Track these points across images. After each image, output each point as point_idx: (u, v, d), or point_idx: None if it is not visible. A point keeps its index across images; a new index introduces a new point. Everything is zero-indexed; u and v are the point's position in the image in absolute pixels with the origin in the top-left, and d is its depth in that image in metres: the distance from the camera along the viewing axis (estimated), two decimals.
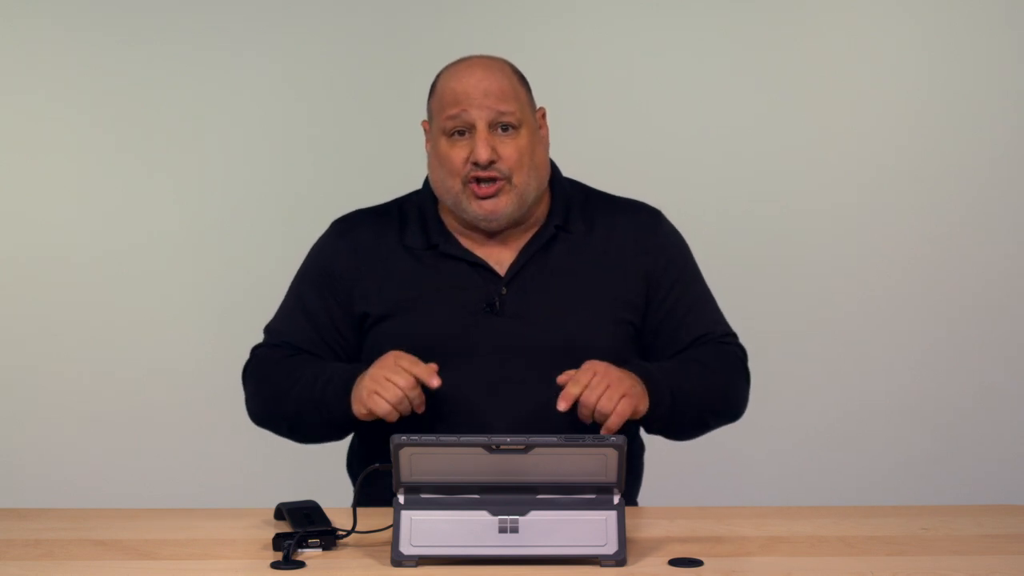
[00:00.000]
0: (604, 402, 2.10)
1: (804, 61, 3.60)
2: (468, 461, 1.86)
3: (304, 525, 1.96)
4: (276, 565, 1.86)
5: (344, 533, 1.97)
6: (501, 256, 2.31)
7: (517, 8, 3.57)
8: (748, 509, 2.19)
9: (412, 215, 2.36)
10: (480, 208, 2.27)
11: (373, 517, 1.99)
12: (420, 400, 2.14)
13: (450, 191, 2.28)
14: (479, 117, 2.25)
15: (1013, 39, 3.59)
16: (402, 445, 1.84)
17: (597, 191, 2.43)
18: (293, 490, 2.45)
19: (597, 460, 1.86)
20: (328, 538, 1.94)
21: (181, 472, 3.58)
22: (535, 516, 1.87)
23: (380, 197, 2.45)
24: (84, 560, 1.92)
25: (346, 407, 2.18)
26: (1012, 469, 3.62)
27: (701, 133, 3.60)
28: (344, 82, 3.58)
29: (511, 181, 2.26)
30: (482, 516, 1.87)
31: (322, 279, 2.35)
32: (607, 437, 1.85)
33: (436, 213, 2.35)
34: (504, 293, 2.28)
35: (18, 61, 3.55)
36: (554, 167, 2.38)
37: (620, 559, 1.85)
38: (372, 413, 2.13)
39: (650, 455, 2.46)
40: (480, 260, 2.30)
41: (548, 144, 2.36)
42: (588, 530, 1.86)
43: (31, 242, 3.58)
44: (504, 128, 2.26)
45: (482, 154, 2.24)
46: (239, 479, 3.55)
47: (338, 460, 2.48)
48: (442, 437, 1.85)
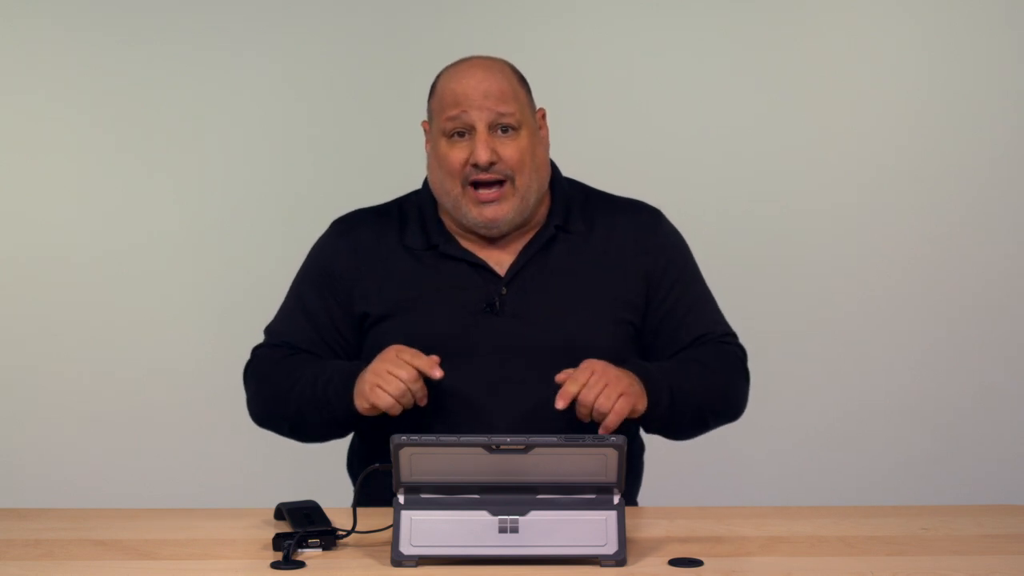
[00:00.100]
0: (602, 400, 2.10)
1: (804, 61, 3.60)
2: (468, 461, 1.86)
3: (304, 525, 1.96)
4: (276, 565, 1.87)
5: (344, 533, 1.97)
6: (501, 256, 2.31)
7: (517, 8, 3.57)
8: (748, 509, 2.19)
9: (412, 215, 2.36)
10: (480, 215, 2.26)
11: (373, 517, 1.99)
12: (423, 393, 2.14)
13: (449, 193, 2.28)
14: (479, 118, 2.25)
15: (1013, 39, 3.59)
16: (402, 445, 1.84)
17: (597, 191, 2.42)
18: (293, 490, 2.45)
19: (597, 460, 1.86)
20: (328, 538, 1.95)
21: (181, 472, 3.58)
22: (535, 516, 1.87)
23: (380, 197, 2.45)
24: (84, 560, 1.92)
25: (348, 404, 2.18)
26: (1012, 469, 3.62)
27: (701, 133, 3.60)
28: (344, 82, 3.58)
29: (514, 183, 2.26)
30: (482, 516, 1.87)
31: (322, 279, 2.35)
32: (607, 437, 1.85)
33: (436, 213, 2.35)
34: (504, 293, 2.28)
35: (18, 61, 3.55)
36: (554, 167, 2.38)
37: (620, 559, 1.85)
38: (375, 407, 2.13)
39: (650, 455, 2.46)
40: (480, 260, 2.30)
41: (548, 145, 2.35)
42: (588, 530, 1.86)
43: (31, 242, 3.58)
44: (504, 129, 2.26)
45: (482, 155, 2.24)
46: (239, 479, 3.55)
47: (338, 460, 2.49)
48: (442, 437, 1.85)
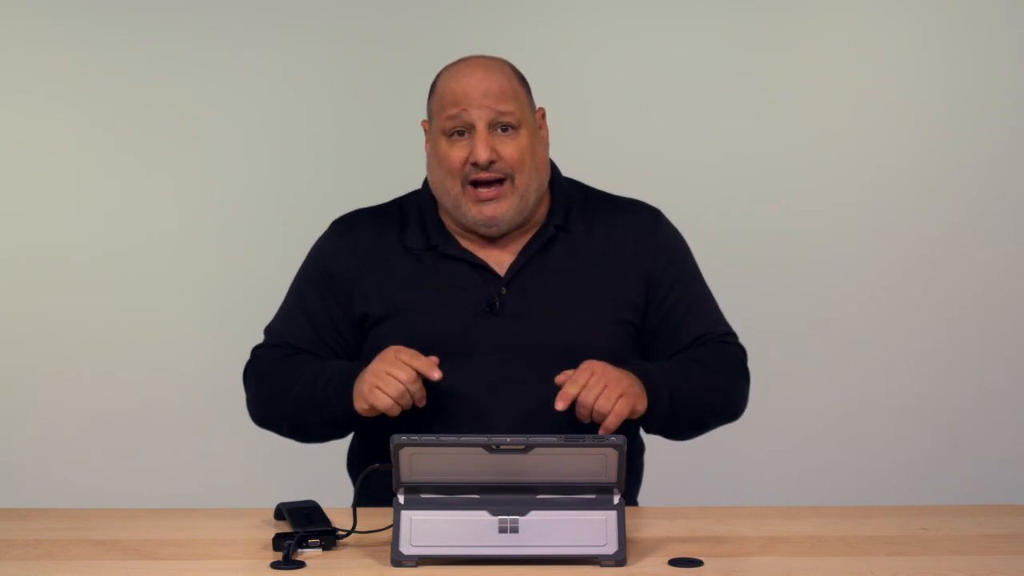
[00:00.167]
0: (602, 401, 2.10)
1: (804, 61, 3.60)
2: (468, 461, 1.86)
3: (304, 525, 1.96)
4: (276, 565, 1.87)
5: (344, 533, 1.97)
6: (501, 256, 2.31)
7: (517, 8, 3.57)
8: (748, 509, 2.19)
9: (412, 215, 2.36)
10: (480, 214, 2.26)
11: (373, 517, 1.99)
12: (421, 394, 2.14)
13: (449, 193, 2.28)
14: (479, 117, 2.25)
15: (1013, 39, 3.59)
16: (402, 445, 1.84)
17: (597, 191, 2.42)
18: (293, 490, 2.45)
19: (597, 460, 1.86)
20: (328, 538, 1.95)
21: (181, 472, 3.58)
22: (535, 516, 1.87)
23: (380, 197, 2.45)
24: (84, 560, 1.92)
25: (347, 404, 2.18)
26: (1012, 469, 3.62)
27: (701, 133, 3.60)
28: (344, 82, 3.58)
29: (513, 182, 2.26)
30: (482, 516, 1.87)
31: (322, 279, 2.35)
32: (607, 437, 1.85)
33: (436, 214, 2.35)
34: (504, 293, 2.28)
35: (18, 61, 3.55)
36: (553, 167, 2.38)
37: (620, 559, 1.85)
38: (374, 408, 2.13)
39: (650, 455, 2.46)
40: (480, 260, 2.30)
41: (548, 144, 2.35)
42: (588, 530, 1.86)
43: (31, 242, 3.58)
44: (504, 128, 2.26)
45: (481, 154, 2.23)
46: (239, 479, 3.55)
47: (338, 460, 2.49)
48: (442, 437, 1.85)
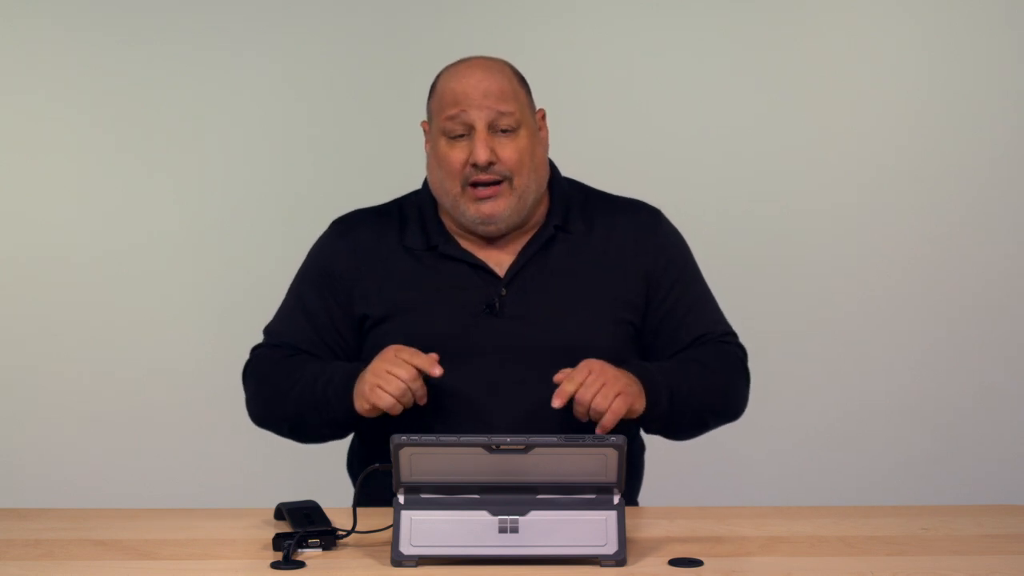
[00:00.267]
0: (599, 400, 2.10)
1: (804, 61, 3.59)
2: (468, 461, 1.86)
3: (304, 525, 1.96)
4: (276, 565, 1.87)
5: (344, 533, 1.97)
6: (500, 257, 2.31)
7: (517, 8, 3.57)
8: (748, 509, 2.19)
9: (412, 216, 2.36)
10: (478, 212, 2.26)
11: (373, 517, 1.99)
12: (422, 391, 2.13)
13: (448, 193, 2.28)
14: (478, 118, 2.25)
15: (1013, 39, 3.59)
16: (402, 445, 1.84)
17: (596, 191, 2.42)
18: (293, 490, 2.45)
19: (597, 460, 1.86)
20: (328, 538, 1.95)
21: (181, 472, 3.58)
22: (535, 516, 1.87)
23: (380, 197, 2.45)
24: (84, 560, 1.92)
25: (348, 405, 2.18)
26: (1012, 469, 3.62)
27: (701, 133, 3.60)
28: (344, 82, 3.58)
29: (512, 183, 2.26)
30: (482, 516, 1.87)
31: (322, 280, 2.35)
32: (607, 437, 1.85)
33: (436, 214, 2.34)
34: (504, 294, 2.28)
35: (18, 61, 3.55)
36: (553, 167, 2.38)
37: (620, 559, 1.85)
38: (375, 407, 2.13)
39: (650, 455, 2.46)
40: (480, 261, 2.30)
41: (548, 146, 2.35)
42: (588, 530, 1.86)
43: (31, 242, 3.58)
44: (504, 130, 2.26)
45: (481, 155, 2.23)
46: (239, 479, 3.55)
47: (338, 460, 2.48)
48: (442, 437, 1.85)
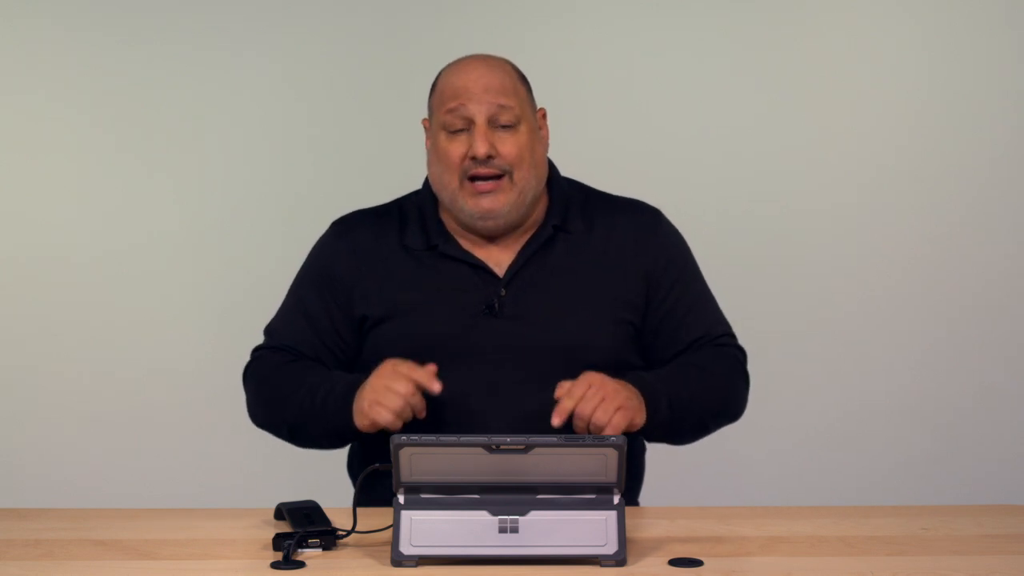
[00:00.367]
0: (599, 414, 2.09)
1: (804, 61, 3.59)
2: (468, 461, 1.86)
3: (304, 525, 1.96)
4: (276, 565, 1.86)
5: (344, 533, 1.97)
6: (500, 257, 2.31)
7: (517, 8, 3.57)
8: (748, 509, 2.18)
9: (412, 215, 2.36)
10: (477, 206, 2.26)
11: (373, 517, 1.99)
12: (421, 405, 2.13)
13: (447, 187, 2.28)
14: (478, 112, 2.25)
15: (1013, 39, 3.59)
16: (402, 445, 1.84)
17: (596, 191, 2.42)
18: (293, 490, 2.45)
19: (597, 460, 1.86)
20: (328, 538, 1.94)
21: (181, 472, 3.58)
22: (535, 516, 1.87)
23: (380, 197, 2.45)
24: (84, 560, 1.92)
25: (347, 420, 2.17)
26: (1012, 469, 3.62)
27: (701, 133, 3.59)
28: (344, 82, 3.58)
29: (512, 178, 2.25)
30: (482, 516, 1.87)
31: (323, 281, 2.35)
32: (607, 437, 1.85)
33: (436, 213, 2.34)
34: (503, 295, 2.28)
35: (18, 61, 3.55)
36: (552, 167, 2.38)
37: (620, 559, 1.85)
38: (375, 424, 2.13)
39: (650, 455, 2.45)
40: (479, 261, 2.30)
41: (548, 145, 2.35)
42: (588, 530, 1.86)
43: (31, 242, 3.58)
44: (504, 125, 2.26)
45: (480, 148, 2.23)
46: (239, 479, 3.55)
47: (338, 460, 2.48)
48: (442, 437, 1.85)
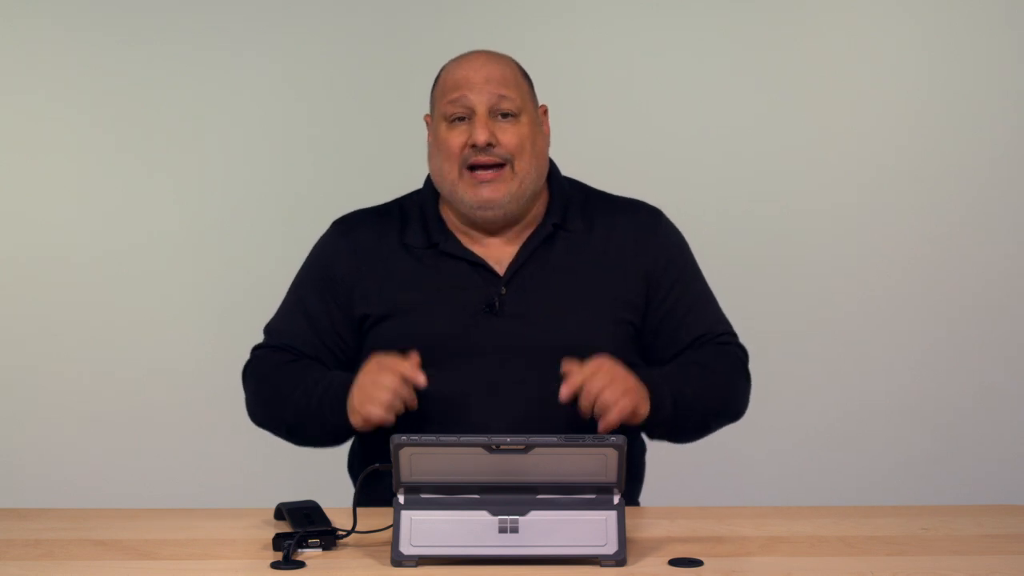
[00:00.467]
0: (608, 394, 2.09)
1: (804, 61, 3.59)
2: (468, 461, 1.86)
3: (304, 525, 1.96)
4: (276, 565, 1.86)
5: (344, 533, 1.97)
6: (501, 255, 2.31)
7: (517, 8, 3.57)
8: (748, 509, 2.19)
9: (413, 214, 2.36)
10: (477, 196, 2.26)
11: (373, 517, 1.99)
12: (411, 396, 2.13)
13: (447, 177, 2.28)
14: (479, 102, 2.25)
15: (1013, 39, 3.59)
16: (402, 445, 1.84)
17: (597, 191, 2.42)
18: (293, 490, 2.45)
19: (597, 460, 1.85)
20: (328, 538, 1.95)
21: (181, 472, 3.58)
22: (535, 516, 1.87)
23: (380, 197, 2.45)
24: (84, 560, 1.92)
25: (343, 419, 2.18)
26: (1012, 469, 3.62)
27: (701, 133, 3.59)
28: (344, 82, 3.58)
29: (513, 167, 2.26)
30: (482, 516, 1.87)
31: (323, 281, 2.35)
32: (607, 437, 1.85)
33: (436, 211, 2.35)
34: (504, 293, 2.28)
35: (18, 61, 3.55)
36: (553, 165, 2.38)
37: (620, 559, 1.85)
38: (368, 421, 2.13)
39: (650, 455, 2.46)
40: (479, 259, 2.30)
41: (549, 140, 2.36)
42: (588, 530, 1.86)
43: (31, 242, 3.58)
44: (504, 115, 2.26)
45: (480, 135, 2.23)
46: (239, 479, 3.55)
47: (338, 460, 2.48)
48: (442, 437, 1.85)
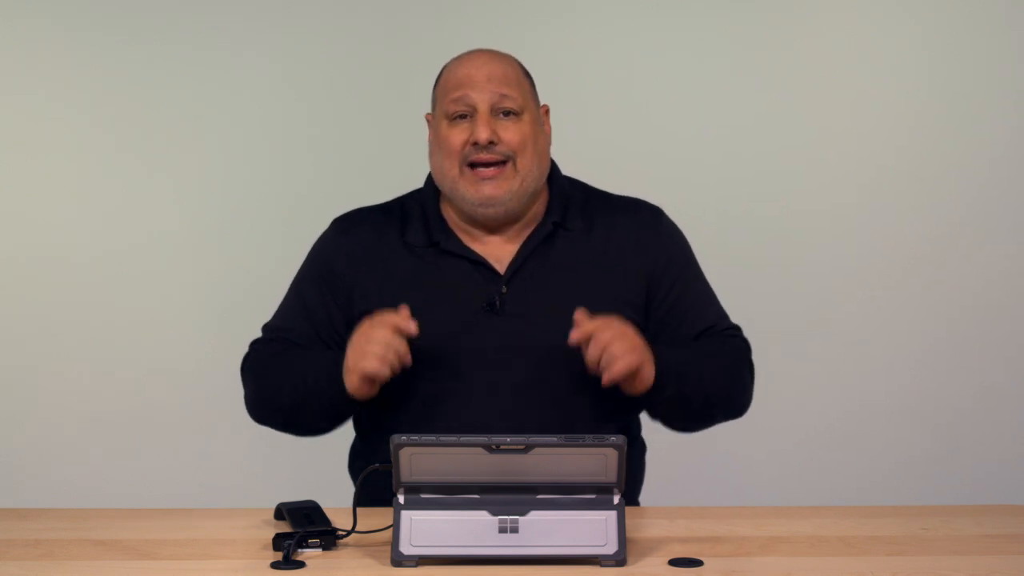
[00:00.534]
0: (616, 346, 2.09)
1: (804, 61, 3.59)
2: (468, 461, 1.86)
3: (304, 525, 1.96)
4: (276, 565, 1.87)
5: (344, 533, 1.97)
6: (501, 253, 2.31)
7: (517, 8, 3.57)
8: (748, 509, 2.19)
9: (414, 212, 2.36)
10: (478, 193, 2.26)
11: (373, 517, 1.99)
12: (405, 349, 2.13)
13: (447, 175, 2.28)
14: (481, 100, 2.25)
15: (1013, 39, 3.59)
16: (402, 445, 1.84)
17: (597, 190, 2.42)
18: (293, 490, 2.45)
19: (597, 460, 1.86)
20: (328, 538, 1.95)
21: (181, 472, 3.58)
22: (535, 516, 1.87)
23: (380, 197, 2.45)
24: (84, 560, 1.92)
25: (341, 388, 2.17)
26: (1012, 469, 3.62)
27: (701, 133, 3.59)
28: (344, 82, 3.58)
29: (515, 164, 2.26)
30: (482, 516, 1.87)
31: (323, 278, 2.35)
32: (607, 437, 1.85)
33: (437, 209, 2.35)
34: (504, 292, 2.28)
35: (18, 61, 3.55)
36: (553, 165, 2.38)
37: (620, 559, 1.85)
38: (364, 374, 2.12)
39: (651, 455, 2.45)
40: (480, 258, 2.30)
41: (550, 140, 2.36)
42: (588, 530, 1.86)
43: (31, 242, 3.58)
44: (506, 113, 2.26)
45: (482, 134, 2.24)
46: (239, 479, 3.55)
47: (338, 460, 2.48)
48: (442, 437, 1.85)
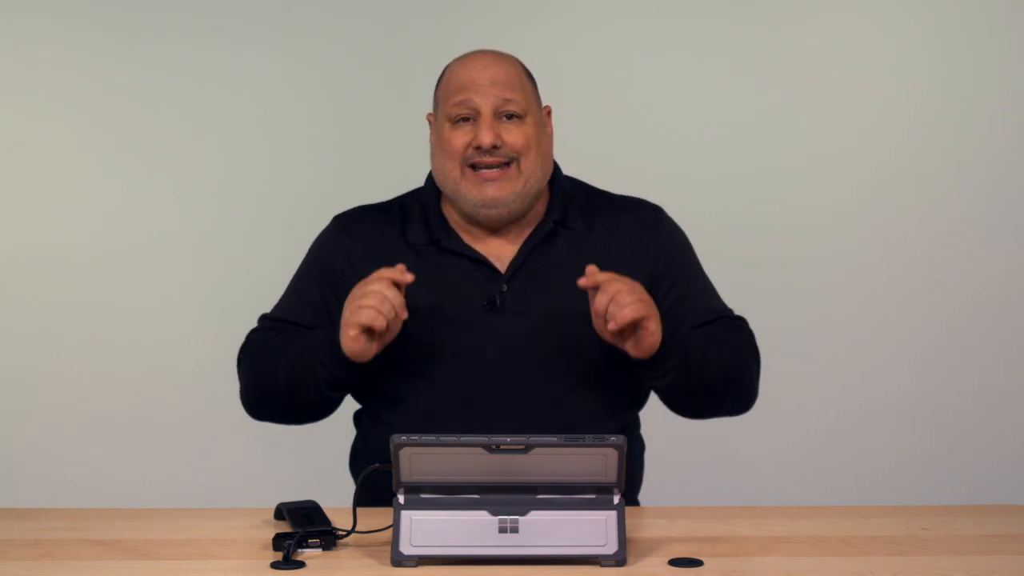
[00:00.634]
0: (625, 294, 2.08)
1: (804, 61, 3.60)
2: (468, 461, 1.86)
3: (304, 525, 1.96)
4: (276, 565, 1.87)
5: (344, 533, 1.97)
6: (502, 252, 2.31)
7: (517, 8, 3.57)
8: (748, 509, 2.19)
9: (415, 211, 2.36)
10: (481, 194, 2.26)
11: (373, 517, 1.99)
12: (400, 302, 2.12)
13: (449, 176, 2.28)
14: (484, 104, 2.25)
15: (1013, 39, 3.59)
16: (402, 445, 1.84)
17: (598, 190, 2.43)
18: (293, 490, 2.45)
19: (597, 460, 1.86)
20: (328, 538, 1.95)
21: (181, 472, 3.58)
22: (535, 516, 1.87)
23: (380, 197, 2.45)
24: (84, 560, 1.92)
25: (338, 355, 2.15)
26: (1012, 469, 3.62)
27: (701, 133, 3.60)
28: (344, 82, 3.58)
29: (519, 166, 2.26)
30: (482, 516, 1.87)
31: (322, 274, 2.35)
32: (607, 437, 1.85)
33: (438, 208, 2.35)
34: (505, 291, 2.28)
35: (18, 61, 3.55)
36: (555, 165, 2.38)
37: (620, 559, 1.85)
38: (359, 324, 2.11)
39: (650, 455, 2.45)
40: (481, 256, 2.30)
41: (553, 141, 2.36)
42: (588, 530, 1.86)
43: (31, 242, 3.58)
44: (509, 116, 2.26)
45: (485, 138, 2.24)
46: (239, 479, 3.55)
47: (338, 460, 2.48)
48: (442, 437, 1.85)
